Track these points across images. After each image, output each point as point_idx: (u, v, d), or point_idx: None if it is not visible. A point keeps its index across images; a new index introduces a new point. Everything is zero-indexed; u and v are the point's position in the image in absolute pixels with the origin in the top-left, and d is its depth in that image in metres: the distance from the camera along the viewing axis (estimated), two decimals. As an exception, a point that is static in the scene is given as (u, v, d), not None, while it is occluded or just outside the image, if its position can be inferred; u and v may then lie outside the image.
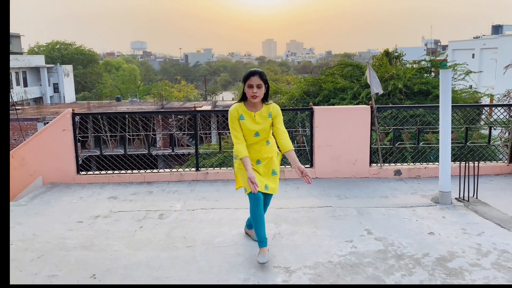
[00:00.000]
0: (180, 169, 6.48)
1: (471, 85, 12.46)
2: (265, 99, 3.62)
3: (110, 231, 4.36)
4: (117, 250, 3.89)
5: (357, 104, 9.68)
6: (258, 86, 3.49)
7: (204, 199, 5.36)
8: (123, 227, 4.44)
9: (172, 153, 6.60)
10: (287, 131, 6.92)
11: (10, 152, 6.09)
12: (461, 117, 7.94)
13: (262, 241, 3.62)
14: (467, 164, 5.08)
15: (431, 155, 7.83)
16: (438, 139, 5.17)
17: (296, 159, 3.57)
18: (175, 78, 68.63)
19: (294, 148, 3.59)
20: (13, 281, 3.38)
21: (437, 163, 6.22)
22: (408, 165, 6.44)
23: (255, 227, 3.62)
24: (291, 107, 10.44)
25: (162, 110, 30.01)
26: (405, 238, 4.04)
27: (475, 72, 11.93)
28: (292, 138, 7.27)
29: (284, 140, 3.62)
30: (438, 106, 5.07)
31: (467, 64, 11.76)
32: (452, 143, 5.44)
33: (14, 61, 39.16)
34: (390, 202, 5.14)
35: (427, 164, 6.44)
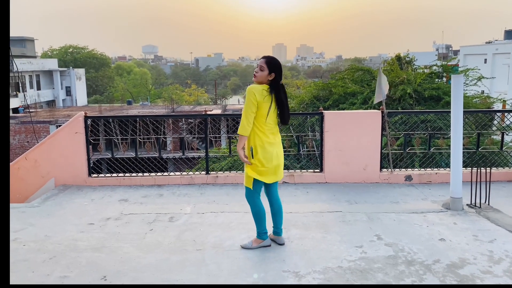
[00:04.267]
0: (190, 173, 6.52)
1: (483, 91, 12.33)
2: (272, 88, 3.73)
3: (121, 233, 4.39)
4: (127, 252, 3.93)
5: (367, 109, 9.65)
6: (261, 68, 3.74)
7: (214, 202, 5.39)
8: (134, 230, 4.48)
9: (183, 157, 6.63)
10: (297, 135, 6.96)
11: (24, 154, 6.18)
12: (472, 123, 7.87)
13: (265, 233, 3.93)
14: (479, 170, 5.04)
15: (442, 161, 7.77)
16: (449, 145, 5.13)
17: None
18: (186, 82, 69.04)
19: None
20: (26, 281, 3.42)
21: (448, 169, 6.16)
22: (419, 170, 6.39)
23: (262, 220, 3.90)
24: (301, 111, 10.44)
25: (173, 113, 30.17)
26: (416, 244, 4.01)
27: (487, 78, 11.81)
28: (302, 143, 7.27)
29: None
30: (449, 111, 5.04)
31: (479, 69, 11.65)
32: (463, 149, 5.40)
33: (28, 65, 39.72)
34: (400, 207, 5.11)
35: (438, 170, 6.39)
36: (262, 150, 3.72)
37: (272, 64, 3.75)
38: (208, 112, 6.52)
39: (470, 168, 5.20)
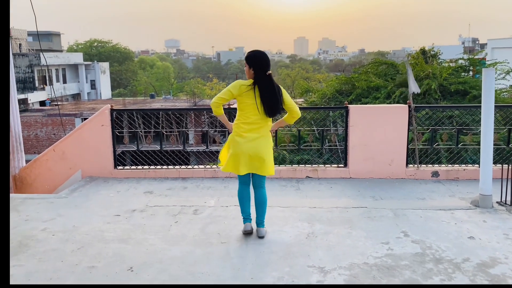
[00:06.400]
0: (214, 166, 6.54)
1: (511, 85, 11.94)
2: (254, 82, 3.84)
3: (146, 225, 4.45)
4: (153, 244, 3.97)
5: (390, 103, 9.47)
6: (244, 65, 3.93)
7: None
8: (159, 222, 4.53)
9: (206, 150, 6.66)
10: (320, 129, 6.91)
11: (52, 146, 6.32)
12: (503, 118, 7.62)
13: (246, 218, 4.09)
14: (509, 167, 4.89)
15: (469, 158, 7.57)
16: (477, 141, 4.99)
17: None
18: (207, 76, 69.26)
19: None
20: (56, 270, 3.50)
21: (477, 165, 6.01)
22: (446, 166, 6.25)
23: (240, 204, 4.09)
24: (323, 106, 10.34)
25: (195, 107, 30.36)
26: (444, 241, 3.93)
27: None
28: (325, 137, 7.20)
29: None
30: (478, 106, 4.90)
31: (508, 62, 11.27)
32: (493, 144, 5.24)
33: (54, 58, 40.60)
34: (427, 204, 5.01)
35: (466, 166, 6.23)
36: (232, 137, 3.94)
37: (249, 58, 3.88)
38: (231, 106, 6.51)
39: (500, 165, 5.04)
